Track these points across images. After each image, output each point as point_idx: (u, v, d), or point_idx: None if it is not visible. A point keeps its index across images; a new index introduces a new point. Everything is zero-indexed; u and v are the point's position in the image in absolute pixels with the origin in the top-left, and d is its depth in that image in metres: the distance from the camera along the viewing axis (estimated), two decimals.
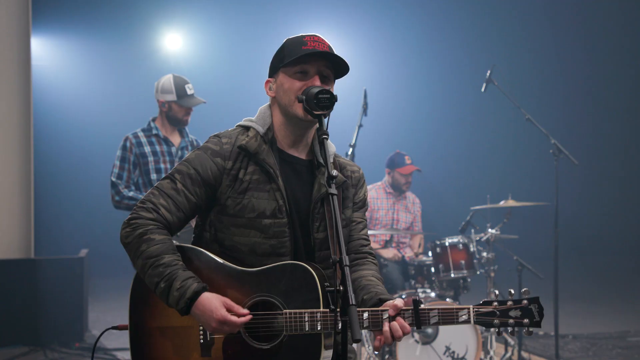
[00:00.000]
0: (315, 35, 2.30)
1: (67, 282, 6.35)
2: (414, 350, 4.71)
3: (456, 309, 2.14)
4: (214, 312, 2.11)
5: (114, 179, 4.57)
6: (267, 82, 2.38)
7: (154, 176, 4.60)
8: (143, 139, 4.66)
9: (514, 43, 12.12)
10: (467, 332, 4.76)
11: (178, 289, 2.12)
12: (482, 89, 5.83)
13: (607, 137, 12.57)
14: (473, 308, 2.14)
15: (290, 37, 2.35)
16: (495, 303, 2.15)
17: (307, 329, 2.14)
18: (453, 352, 4.73)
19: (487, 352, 5.02)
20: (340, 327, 1.96)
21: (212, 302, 2.12)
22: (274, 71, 2.35)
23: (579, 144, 10.47)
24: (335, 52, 2.32)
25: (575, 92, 12.45)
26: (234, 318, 2.12)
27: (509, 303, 2.15)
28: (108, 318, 4.68)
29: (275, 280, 2.19)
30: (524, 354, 5.33)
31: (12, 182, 6.48)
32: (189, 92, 4.68)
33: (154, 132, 4.68)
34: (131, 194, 4.53)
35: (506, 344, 5.35)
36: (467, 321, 2.14)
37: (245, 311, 2.16)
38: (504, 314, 2.14)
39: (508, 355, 5.25)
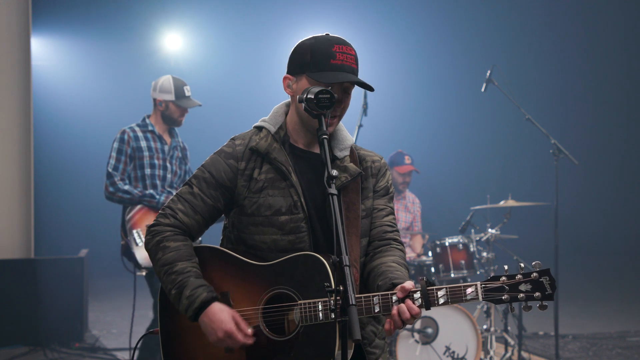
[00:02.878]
0: (344, 45, 2.28)
1: (67, 282, 6.35)
2: (414, 350, 4.71)
3: (463, 286, 2.07)
4: (223, 323, 2.17)
5: (110, 170, 4.58)
6: (286, 78, 2.34)
7: (147, 171, 4.62)
8: (140, 134, 4.70)
9: (514, 43, 12.13)
10: (467, 332, 4.76)
11: (188, 297, 2.20)
12: (482, 89, 5.84)
13: (607, 137, 12.57)
14: (481, 284, 2.07)
15: (318, 36, 2.30)
16: (504, 277, 2.07)
17: (321, 318, 2.15)
18: (453, 352, 4.73)
19: (487, 352, 5.02)
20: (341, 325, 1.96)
21: (223, 314, 2.18)
22: (296, 71, 2.31)
23: (579, 144, 10.48)
24: (358, 61, 2.31)
25: (575, 92, 12.46)
26: (240, 336, 2.17)
27: (518, 277, 2.06)
28: (108, 318, 4.67)
29: (290, 272, 2.23)
30: (524, 354, 5.33)
31: (12, 182, 6.47)
32: (187, 93, 4.79)
33: (150, 128, 4.74)
34: (126, 187, 4.53)
35: (506, 344, 5.35)
36: (475, 298, 2.07)
37: (250, 332, 2.20)
38: (513, 288, 2.05)
39: (508, 355, 5.25)
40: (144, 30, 11.39)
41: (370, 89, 2.29)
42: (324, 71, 2.24)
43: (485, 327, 5.11)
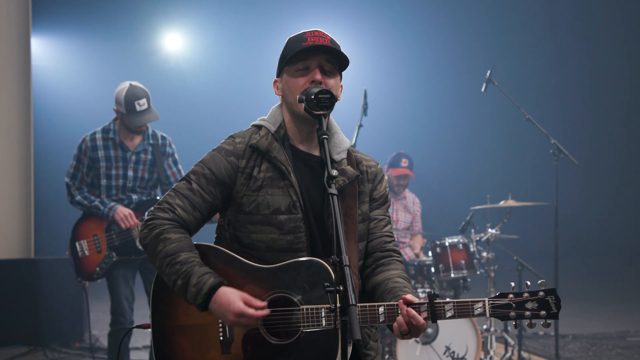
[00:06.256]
0: (316, 31, 2.32)
1: (67, 282, 6.34)
2: (414, 350, 4.71)
3: (471, 301, 2.10)
4: (231, 305, 2.13)
5: (67, 180, 4.63)
6: (275, 82, 2.40)
7: (103, 182, 4.56)
8: (99, 142, 4.59)
9: (514, 43, 12.12)
10: (467, 332, 4.76)
11: (195, 284, 2.16)
12: (482, 89, 5.84)
13: (607, 137, 12.57)
14: (489, 300, 2.10)
15: (292, 35, 2.36)
16: (511, 295, 2.11)
17: (324, 324, 2.15)
18: (453, 352, 4.73)
19: (487, 352, 5.02)
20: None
21: (230, 295, 2.15)
22: (279, 71, 2.38)
23: (579, 144, 10.47)
24: (338, 44, 2.33)
25: (575, 92, 12.45)
26: (251, 311, 2.13)
27: (525, 295, 2.10)
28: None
29: (292, 277, 2.21)
30: (524, 354, 5.33)
31: (12, 182, 6.47)
32: (139, 108, 4.50)
33: (111, 135, 4.60)
34: (78, 198, 4.57)
35: (506, 344, 5.35)
36: (482, 314, 2.10)
37: (263, 304, 2.16)
38: (520, 306, 2.10)
39: (508, 355, 5.25)
40: (144, 30, 11.38)
41: (344, 57, 2.30)
42: (294, 52, 2.28)
43: (485, 327, 5.11)
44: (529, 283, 2.13)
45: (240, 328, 2.20)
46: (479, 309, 2.10)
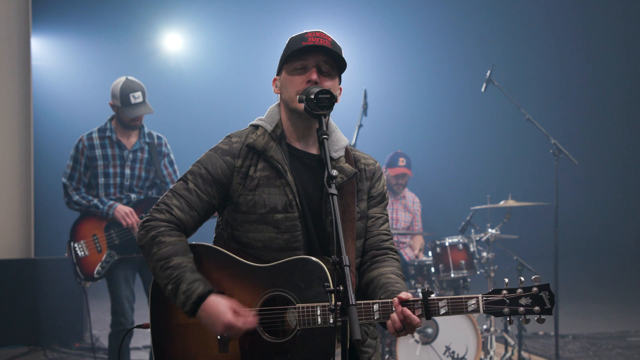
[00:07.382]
0: (318, 31, 2.32)
1: (67, 282, 6.33)
2: (414, 350, 4.71)
3: (465, 298, 2.10)
4: (220, 317, 2.14)
5: (64, 180, 4.62)
6: (274, 80, 2.41)
7: (101, 180, 4.57)
8: (96, 141, 4.62)
9: (514, 43, 12.13)
10: (467, 332, 4.76)
11: (184, 292, 2.17)
12: (482, 89, 5.84)
13: (607, 137, 12.58)
14: (482, 297, 2.10)
15: (294, 34, 2.37)
16: (505, 291, 2.11)
17: (319, 322, 2.15)
18: (453, 352, 4.73)
19: (487, 352, 5.02)
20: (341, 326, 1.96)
21: (219, 306, 2.16)
22: (279, 69, 2.39)
23: (579, 144, 10.47)
24: (339, 46, 2.33)
25: (575, 92, 12.46)
26: (240, 323, 2.15)
27: (519, 291, 2.11)
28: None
29: (288, 275, 2.21)
30: (524, 354, 5.33)
31: (12, 182, 6.47)
32: (134, 100, 4.57)
33: (108, 133, 4.63)
34: (76, 198, 4.56)
35: (506, 344, 5.35)
36: (476, 310, 2.10)
37: (252, 315, 2.17)
38: (513, 302, 2.10)
39: (508, 355, 5.25)
40: (144, 30, 11.38)
41: (341, 59, 2.30)
42: (292, 51, 2.29)
43: (485, 327, 5.11)
44: (522, 279, 2.13)
45: None
46: (472, 305, 2.10)
